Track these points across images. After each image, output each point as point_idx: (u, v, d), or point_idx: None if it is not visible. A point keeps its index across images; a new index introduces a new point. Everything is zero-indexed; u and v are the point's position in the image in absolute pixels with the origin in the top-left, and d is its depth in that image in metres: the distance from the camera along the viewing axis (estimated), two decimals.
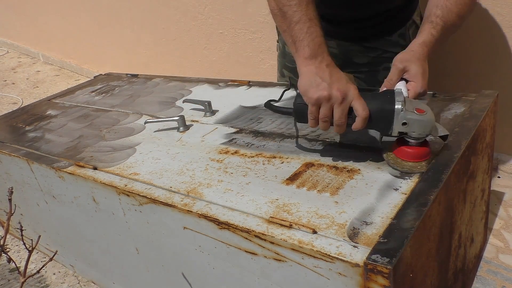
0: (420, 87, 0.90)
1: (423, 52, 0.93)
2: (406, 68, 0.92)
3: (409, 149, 0.86)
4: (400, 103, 0.82)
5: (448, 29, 0.97)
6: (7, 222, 0.73)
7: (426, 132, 0.84)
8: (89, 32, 3.27)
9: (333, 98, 0.83)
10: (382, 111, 0.84)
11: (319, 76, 0.85)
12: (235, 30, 2.28)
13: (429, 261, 0.79)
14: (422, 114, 0.83)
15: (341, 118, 0.85)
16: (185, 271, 0.98)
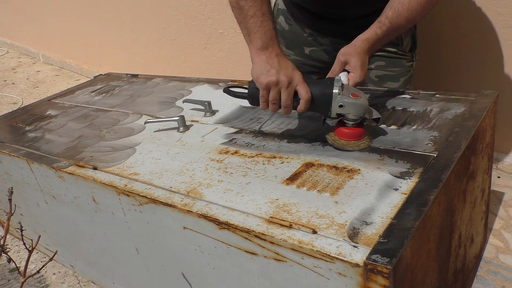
0: (358, 77, 1.01)
1: (364, 47, 1.04)
2: (347, 61, 1.02)
3: (346, 129, 0.98)
4: (338, 88, 0.96)
5: (394, 30, 1.07)
6: (7, 222, 0.73)
7: (360, 114, 0.96)
8: (89, 32, 3.27)
9: (281, 82, 0.96)
10: (322, 95, 0.97)
11: (269, 64, 0.97)
12: (235, 30, 2.27)
13: (429, 261, 0.79)
14: (357, 98, 0.95)
15: (287, 101, 0.97)
16: (185, 271, 0.98)
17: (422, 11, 1.05)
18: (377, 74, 1.34)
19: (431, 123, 1.03)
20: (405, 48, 1.33)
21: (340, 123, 0.99)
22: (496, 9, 1.50)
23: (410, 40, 1.33)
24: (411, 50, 1.35)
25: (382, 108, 1.14)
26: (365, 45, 1.04)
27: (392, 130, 1.03)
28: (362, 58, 1.02)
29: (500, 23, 1.51)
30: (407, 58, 1.34)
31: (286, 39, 1.44)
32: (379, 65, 1.34)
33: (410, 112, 1.10)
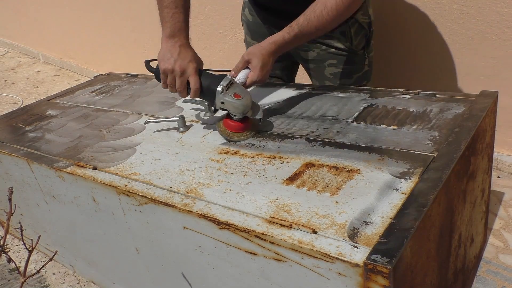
0: (256, 76, 1.11)
1: (270, 49, 1.12)
2: (250, 60, 1.12)
3: (230, 122, 1.10)
4: (222, 86, 1.06)
5: (303, 36, 1.14)
6: (7, 222, 0.73)
7: (238, 113, 1.08)
8: (89, 32, 3.27)
9: (175, 71, 1.08)
10: (209, 89, 1.09)
11: (170, 52, 1.10)
12: (235, 30, 2.27)
13: (429, 261, 0.79)
14: (237, 99, 1.06)
15: (179, 87, 1.10)
16: (185, 271, 0.98)
17: (331, 21, 1.12)
18: (331, 72, 1.40)
19: (431, 123, 1.03)
20: (356, 47, 1.36)
21: (228, 115, 1.11)
22: (496, 9, 1.50)
23: (363, 39, 1.36)
24: (363, 48, 1.38)
25: (382, 108, 1.14)
26: (271, 47, 1.11)
27: (392, 130, 1.03)
28: (264, 59, 1.10)
29: (500, 23, 1.51)
30: (359, 56, 1.38)
31: (250, 30, 1.51)
32: (331, 63, 1.39)
33: (410, 112, 1.10)
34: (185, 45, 1.11)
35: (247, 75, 1.12)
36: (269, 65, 1.12)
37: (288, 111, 1.22)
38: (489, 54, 1.57)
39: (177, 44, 1.11)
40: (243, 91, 1.08)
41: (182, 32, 1.12)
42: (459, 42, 1.61)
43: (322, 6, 1.10)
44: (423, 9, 1.64)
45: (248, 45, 1.56)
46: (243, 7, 1.52)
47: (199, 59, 1.13)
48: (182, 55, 1.09)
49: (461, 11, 1.56)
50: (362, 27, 1.34)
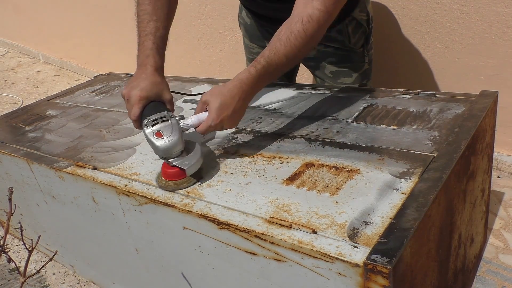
0: (211, 120, 0.95)
1: (233, 89, 0.96)
2: (207, 102, 0.97)
3: (164, 167, 0.96)
4: (147, 120, 0.96)
5: (274, 68, 0.99)
6: (7, 222, 0.73)
7: (158, 154, 0.96)
8: (89, 32, 3.27)
9: (124, 97, 1.02)
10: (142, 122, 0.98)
11: (132, 79, 1.04)
12: (235, 30, 2.27)
13: (429, 261, 0.79)
14: (157, 138, 0.93)
15: (128, 114, 1.01)
16: (185, 271, 0.98)
17: (301, 46, 0.98)
18: (330, 70, 1.38)
19: (431, 123, 1.03)
20: (355, 45, 1.35)
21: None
22: (496, 9, 1.50)
23: (362, 37, 1.35)
24: (362, 46, 1.36)
25: (382, 108, 1.14)
26: (235, 87, 0.97)
27: (392, 130, 1.03)
28: (223, 100, 0.95)
29: (500, 23, 1.51)
30: (358, 54, 1.36)
31: (248, 32, 1.50)
32: (331, 61, 1.37)
33: (410, 112, 1.10)
34: (148, 74, 1.03)
35: (201, 119, 0.97)
36: (232, 107, 0.95)
37: (288, 111, 1.22)
38: (489, 54, 1.57)
39: (140, 72, 1.04)
40: (171, 132, 0.94)
41: (150, 60, 1.06)
42: (459, 42, 1.61)
43: (287, 31, 0.98)
44: (423, 9, 1.64)
45: (246, 47, 1.55)
46: (240, 9, 1.52)
47: (157, 91, 1.01)
48: (136, 83, 1.01)
49: (461, 11, 1.56)
50: (360, 25, 1.33)
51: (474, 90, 1.17)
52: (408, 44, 1.74)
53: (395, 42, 1.75)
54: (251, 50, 1.52)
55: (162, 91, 1.03)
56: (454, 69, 1.67)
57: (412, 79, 1.79)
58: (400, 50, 1.76)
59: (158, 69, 1.05)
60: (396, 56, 1.77)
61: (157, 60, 1.06)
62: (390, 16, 1.73)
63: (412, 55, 1.75)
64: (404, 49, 1.76)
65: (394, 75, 1.81)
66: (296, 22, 0.98)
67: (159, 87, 1.02)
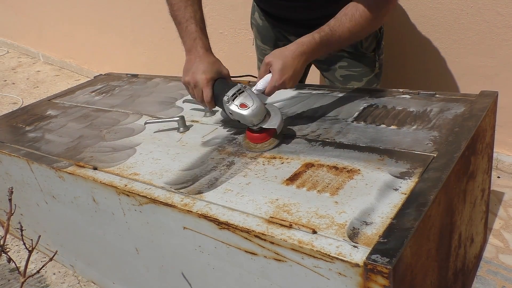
0: (274, 80, 1.01)
1: (295, 50, 1.01)
2: (270, 63, 1.02)
3: (249, 132, 1.05)
4: (227, 96, 1.02)
5: (336, 40, 1.03)
6: (7, 222, 0.73)
7: (247, 124, 1.02)
8: (89, 32, 3.27)
9: (190, 83, 1.07)
10: (217, 99, 1.06)
11: (188, 65, 1.09)
12: (235, 30, 2.27)
13: (429, 261, 0.79)
14: (243, 109, 1.00)
15: (198, 98, 1.09)
16: (185, 271, 0.98)
17: (364, 25, 1.03)
18: (341, 74, 1.39)
19: (431, 123, 1.03)
20: (366, 49, 1.35)
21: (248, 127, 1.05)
22: (496, 9, 1.50)
23: (374, 41, 1.35)
24: (374, 51, 1.36)
25: (382, 108, 1.14)
26: (297, 49, 1.01)
27: (392, 130, 1.03)
28: (286, 61, 0.99)
29: (500, 23, 1.51)
30: (369, 58, 1.36)
31: (260, 33, 1.50)
32: (342, 65, 1.37)
33: (410, 112, 1.10)
34: (201, 56, 1.08)
35: (267, 81, 1.02)
36: (293, 68, 1.00)
37: (288, 111, 1.22)
38: (489, 54, 1.57)
39: (193, 56, 1.10)
40: (252, 100, 1.00)
41: (198, 42, 1.09)
42: (459, 42, 1.61)
43: (353, 9, 1.02)
44: (423, 9, 1.64)
45: (258, 48, 1.55)
46: (252, 10, 1.51)
47: (216, 69, 1.07)
48: (195, 67, 1.07)
49: (461, 11, 1.56)
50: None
51: (474, 90, 1.17)
52: (408, 44, 1.74)
53: (394, 42, 1.75)
54: (263, 51, 1.52)
55: (220, 68, 1.08)
56: (454, 69, 1.67)
57: (412, 79, 1.79)
58: (400, 50, 1.76)
59: (208, 49, 1.11)
60: (396, 56, 1.77)
61: (204, 41, 1.10)
62: (390, 17, 1.73)
63: (412, 55, 1.75)
64: (404, 49, 1.76)
65: (394, 75, 1.80)
66: (364, 1, 1.02)
67: (217, 66, 1.08)
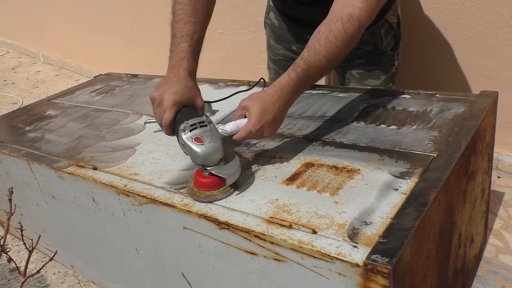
0: (251, 125, 0.91)
1: (274, 93, 0.93)
2: (247, 107, 0.93)
3: (198, 176, 0.90)
4: (185, 125, 0.90)
5: (314, 71, 0.95)
6: (7, 222, 0.73)
7: (197, 162, 0.89)
8: (89, 32, 3.27)
9: (156, 100, 0.96)
10: (176, 127, 0.93)
11: (163, 82, 0.99)
12: (235, 30, 2.27)
13: (429, 261, 0.79)
14: (197, 143, 0.87)
15: (157, 119, 0.97)
16: (185, 271, 0.98)
17: (342, 46, 0.94)
18: (358, 72, 1.37)
19: (431, 123, 1.03)
20: (386, 47, 1.34)
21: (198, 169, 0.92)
22: (496, 9, 1.50)
23: (393, 40, 1.35)
24: (393, 49, 1.36)
25: (382, 108, 1.14)
26: (276, 92, 0.94)
27: (392, 130, 1.03)
28: (264, 106, 0.92)
29: (500, 23, 1.51)
30: (388, 56, 1.36)
31: (275, 34, 1.48)
32: (360, 63, 1.36)
33: (410, 112, 1.10)
34: (180, 77, 0.98)
35: (239, 126, 0.93)
36: (272, 113, 0.92)
37: (288, 111, 1.21)
38: (489, 54, 1.57)
39: (172, 75, 0.99)
40: (212, 137, 0.88)
41: (184, 63, 1.00)
42: (459, 42, 1.61)
43: (326, 31, 0.93)
44: (423, 9, 1.64)
45: (270, 48, 1.51)
46: (267, 10, 1.50)
47: (190, 95, 0.97)
48: (168, 86, 0.97)
49: (461, 11, 1.56)
50: (392, 27, 1.32)
51: (474, 90, 1.17)
52: (407, 44, 1.74)
53: None
54: (276, 51, 1.50)
55: (195, 97, 0.99)
56: (454, 69, 1.67)
57: (412, 79, 1.79)
58: (400, 50, 1.75)
59: (191, 74, 1.01)
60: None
61: (191, 64, 1.01)
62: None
63: (412, 55, 1.74)
64: (403, 49, 1.75)
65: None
66: (336, 21, 0.93)
67: (192, 92, 0.98)
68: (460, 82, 1.67)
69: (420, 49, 1.71)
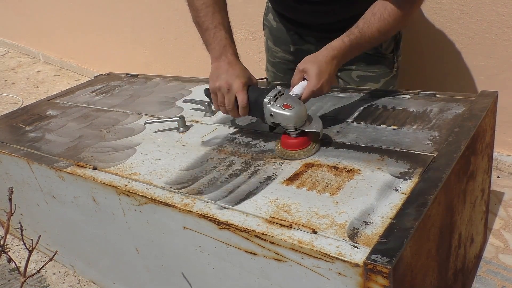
0: (312, 85, 0.99)
1: (327, 55, 1.01)
2: (305, 69, 1.01)
3: (287, 139, 0.99)
4: (269, 97, 0.97)
5: (366, 41, 1.04)
6: (7, 222, 0.73)
7: (290, 125, 0.97)
8: (89, 32, 3.27)
9: (222, 88, 1.03)
10: (256, 102, 1.01)
11: (218, 71, 1.06)
12: (235, 30, 2.26)
13: (429, 261, 0.79)
14: (287, 109, 0.96)
15: (228, 105, 1.04)
16: (185, 271, 0.98)
17: (393, 24, 1.03)
18: (358, 75, 1.37)
19: (431, 123, 1.03)
20: (385, 50, 1.34)
21: (284, 133, 1.00)
22: (496, 9, 1.50)
23: (392, 43, 1.34)
24: (392, 52, 1.35)
25: (382, 108, 1.14)
26: (329, 53, 1.02)
27: (392, 130, 1.03)
28: (320, 67, 1.00)
29: (500, 23, 1.51)
30: (388, 59, 1.35)
31: (273, 36, 1.48)
32: (359, 66, 1.36)
33: (410, 112, 1.10)
34: (232, 62, 1.06)
35: (304, 87, 1.01)
36: (328, 73, 1.00)
37: None
38: (489, 54, 1.57)
39: (223, 62, 1.07)
40: (295, 101, 0.97)
41: (228, 49, 1.08)
42: (459, 42, 1.61)
43: (381, 8, 1.02)
44: (423, 9, 1.64)
45: (269, 50, 1.53)
46: (265, 12, 1.50)
47: (248, 75, 1.06)
48: (228, 72, 1.04)
49: (461, 11, 1.57)
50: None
51: (474, 90, 1.18)
52: (407, 44, 1.74)
53: None
54: (274, 53, 1.50)
55: (250, 75, 1.07)
56: (454, 69, 1.67)
57: (412, 79, 1.79)
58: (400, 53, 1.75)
59: (238, 57, 1.09)
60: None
61: (234, 49, 1.09)
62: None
63: (412, 55, 1.74)
64: (403, 49, 1.75)
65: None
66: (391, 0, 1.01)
67: (248, 72, 1.06)
68: (460, 82, 1.67)
69: (420, 49, 1.71)
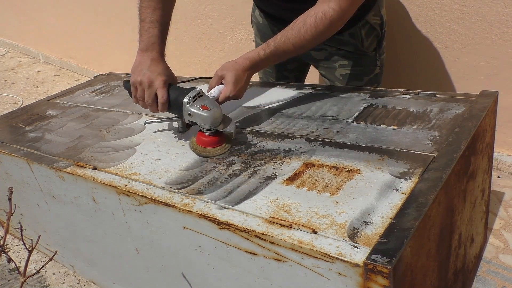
0: (229, 91, 1.09)
1: (244, 65, 1.10)
2: (223, 76, 1.11)
3: (202, 137, 1.06)
4: (189, 98, 1.05)
5: (280, 54, 1.11)
6: (7, 222, 0.73)
7: (206, 125, 1.04)
8: (89, 32, 3.27)
9: (143, 83, 1.07)
10: (176, 101, 1.07)
11: (141, 65, 1.11)
12: (235, 30, 2.27)
13: (429, 261, 0.79)
14: (205, 110, 1.03)
15: (148, 100, 1.09)
16: (185, 271, 0.98)
17: (310, 40, 1.07)
18: (341, 73, 1.38)
19: (431, 123, 1.03)
20: (367, 48, 1.34)
21: (200, 131, 1.07)
22: (496, 9, 1.50)
23: (375, 41, 1.34)
24: (375, 50, 1.35)
25: (382, 108, 1.14)
26: (245, 63, 1.10)
27: (392, 130, 1.03)
28: (237, 74, 1.09)
29: (500, 23, 1.51)
30: (370, 58, 1.35)
31: (261, 32, 1.50)
32: (342, 64, 1.36)
33: (410, 112, 1.10)
34: (156, 59, 1.11)
35: (220, 90, 1.11)
36: (243, 80, 1.10)
37: (288, 111, 1.22)
38: (489, 54, 1.57)
39: (148, 57, 1.12)
40: (212, 103, 1.05)
41: (155, 47, 1.13)
42: (459, 42, 1.61)
43: (301, 23, 1.07)
44: (423, 9, 1.64)
45: (257, 45, 1.54)
46: (253, 8, 1.51)
47: (170, 74, 1.11)
48: (151, 68, 1.09)
49: (461, 11, 1.57)
50: (374, 28, 1.32)
51: (474, 90, 1.18)
52: (408, 44, 1.74)
53: (394, 42, 1.75)
54: None
55: (172, 75, 1.12)
56: (454, 69, 1.67)
57: (412, 79, 1.79)
58: (400, 50, 1.76)
59: (163, 56, 1.14)
60: (396, 56, 1.77)
61: (161, 47, 1.14)
62: (389, 16, 1.73)
63: (412, 55, 1.75)
64: (404, 49, 1.76)
65: (394, 75, 1.81)
66: (311, 16, 1.05)
67: (170, 71, 1.12)
68: (460, 82, 1.67)
69: (420, 49, 1.71)
